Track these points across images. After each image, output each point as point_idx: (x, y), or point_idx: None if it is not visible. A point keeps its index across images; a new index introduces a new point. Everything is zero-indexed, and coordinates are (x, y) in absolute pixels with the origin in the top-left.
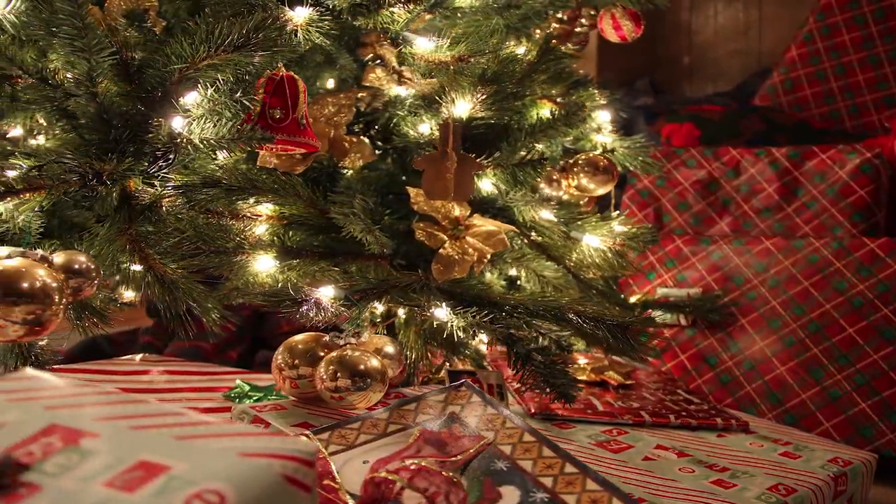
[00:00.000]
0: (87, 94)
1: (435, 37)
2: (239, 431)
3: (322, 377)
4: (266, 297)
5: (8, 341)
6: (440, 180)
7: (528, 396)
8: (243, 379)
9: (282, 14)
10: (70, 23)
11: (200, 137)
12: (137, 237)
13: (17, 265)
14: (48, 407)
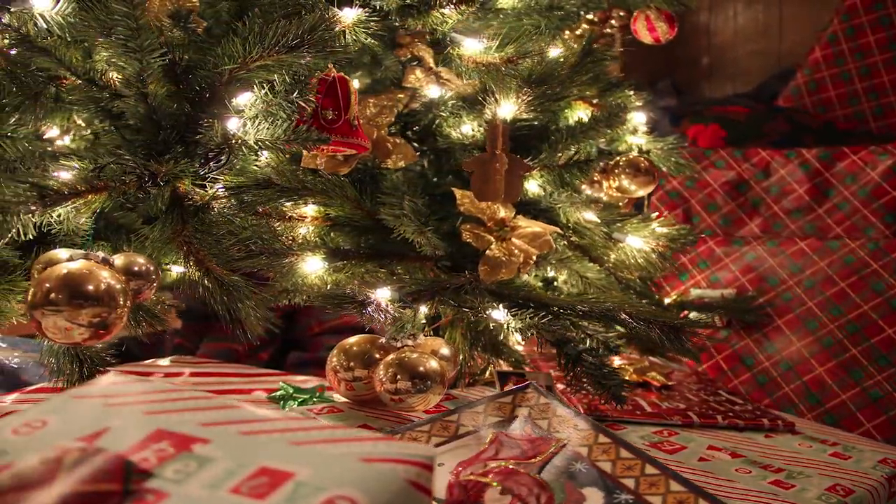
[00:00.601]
0: (137, 95)
1: (479, 38)
2: (354, 436)
3: (381, 379)
4: (329, 300)
5: (72, 344)
6: (489, 182)
7: (576, 398)
8: (285, 381)
9: (332, 15)
10: (125, 24)
11: (256, 138)
12: (191, 239)
13: (82, 267)
14: (148, 412)
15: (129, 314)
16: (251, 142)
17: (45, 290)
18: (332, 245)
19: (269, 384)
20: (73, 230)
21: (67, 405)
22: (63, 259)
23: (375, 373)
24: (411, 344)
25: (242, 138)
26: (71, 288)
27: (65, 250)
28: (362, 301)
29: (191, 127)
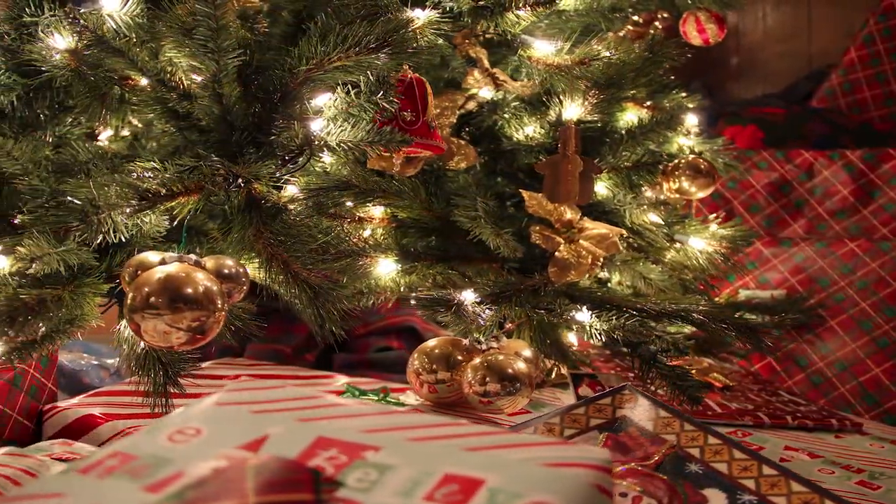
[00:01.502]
0: (212, 96)
1: (551, 40)
2: (525, 441)
3: (470, 381)
4: (423, 302)
5: (167, 348)
6: (562, 183)
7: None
8: (349, 383)
9: (408, 16)
10: (206, 24)
11: (338, 139)
12: (273, 241)
13: (180, 270)
14: (301, 419)
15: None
16: (333, 143)
17: (144, 293)
18: (409, 247)
19: (329, 386)
20: (148, 233)
21: (214, 413)
22: (154, 262)
23: (463, 375)
24: (496, 346)
25: (325, 139)
26: (171, 291)
27: (154, 253)
28: (454, 303)
29: (262, 128)
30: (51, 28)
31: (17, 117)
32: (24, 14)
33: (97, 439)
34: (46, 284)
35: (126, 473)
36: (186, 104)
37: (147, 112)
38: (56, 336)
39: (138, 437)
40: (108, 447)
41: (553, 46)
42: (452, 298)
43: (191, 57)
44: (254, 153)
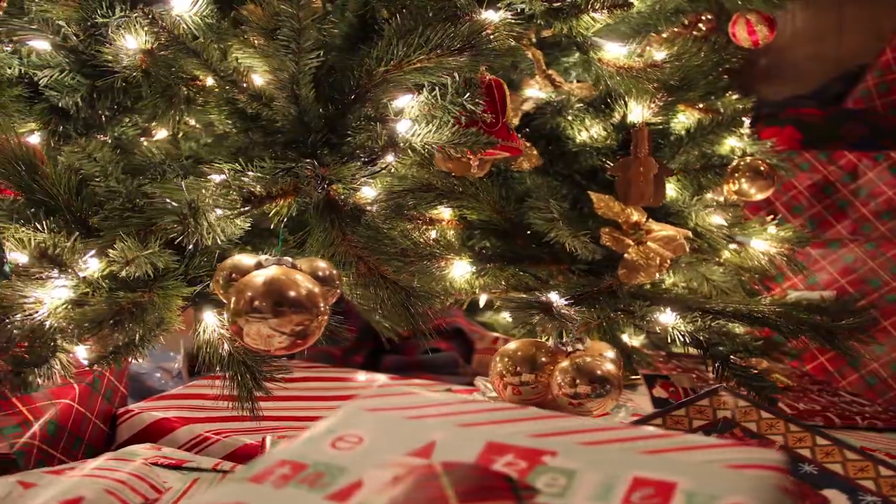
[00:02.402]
0: (289, 97)
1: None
2: (700, 443)
3: (560, 383)
4: (518, 304)
5: (264, 352)
6: (635, 185)
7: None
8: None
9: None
10: (289, 24)
11: (423, 141)
12: (356, 243)
13: (283, 273)
14: (463, 424)
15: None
16: (418, 144)
17: (248, 297)
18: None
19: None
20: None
21: (369, 419)
22: (249, 265)
23: (551, 377)
24: (582, 348)
25: (410, 141)
26: (275, 295)
27: (248, 256)
28: (545, 306)
29: (335, 129)
30: (121, 29)
31: (80, 118)
32: (97, 15)
33: (174, 443)
34: (135, 288)
35: (304, 483)
36: (256, 105)
37: (213, 112)
38: (148, 340)
39: (300, 445)
40: (269, 455)
41: (624, 48)
42: (542, 301)
43: (265, 58)
44: (328, 154)
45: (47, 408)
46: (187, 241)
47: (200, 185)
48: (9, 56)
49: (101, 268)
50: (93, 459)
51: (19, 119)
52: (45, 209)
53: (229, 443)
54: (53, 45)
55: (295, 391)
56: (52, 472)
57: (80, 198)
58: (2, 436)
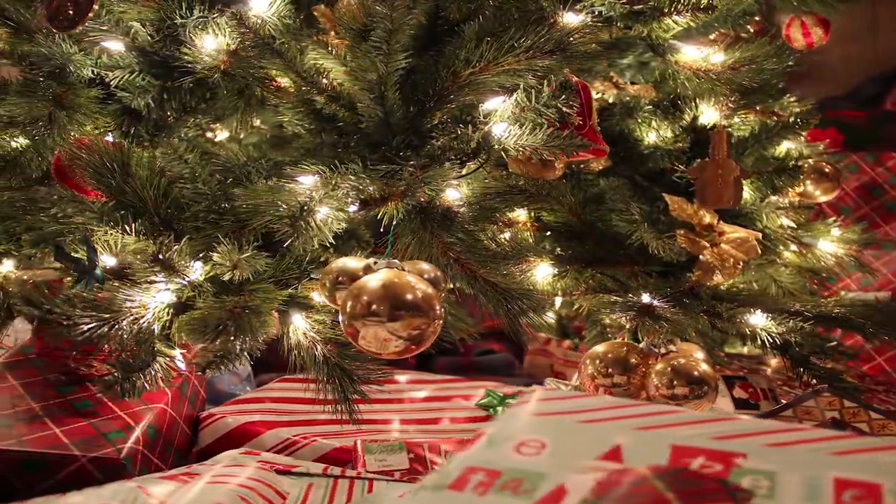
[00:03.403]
0: (376, 98)
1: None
2: (875, 445)
3: (657, 385)
4: (618, 306)
5: (379, 355)
6: (713, 186)
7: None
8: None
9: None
10: (383, 25)
11: (517, 143)
12: (450, 245)
13: (398, 277)
14: (640, 427)
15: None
16: (511, 146)
17: (365, 301)
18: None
19: (460, 391)
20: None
21: (545, 424)
22: (356, 268)
23: (647, 379)
24: (674, 349)
25: (504, 143)
26: (393, 298)
27: (353, 259)
28: (648, 307)
29: (416, 131)
30: (199, 29)
31: (151, 119)
32: (176, 15)
33: (260, 447)
34: (234, 292)
35: (506, 489)
36: (334, 106)
37: (286, 113)
38: (252, 343)
39: (482, 451)
40: (453, 462)
41: (701, 52)
42: (644, 303)
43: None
44: (411, 155)
45: (145, 412)
46: (296, 242)
47: (310, 187)
48: (83, 57)
49: (207, 271)
50: (207, 464)
51: (95, 120)
52: (132, 212)
53: (317, 447)
54: (127, 46)
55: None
56: (165, 477)
57: (168, 200)
58: (107, 441)
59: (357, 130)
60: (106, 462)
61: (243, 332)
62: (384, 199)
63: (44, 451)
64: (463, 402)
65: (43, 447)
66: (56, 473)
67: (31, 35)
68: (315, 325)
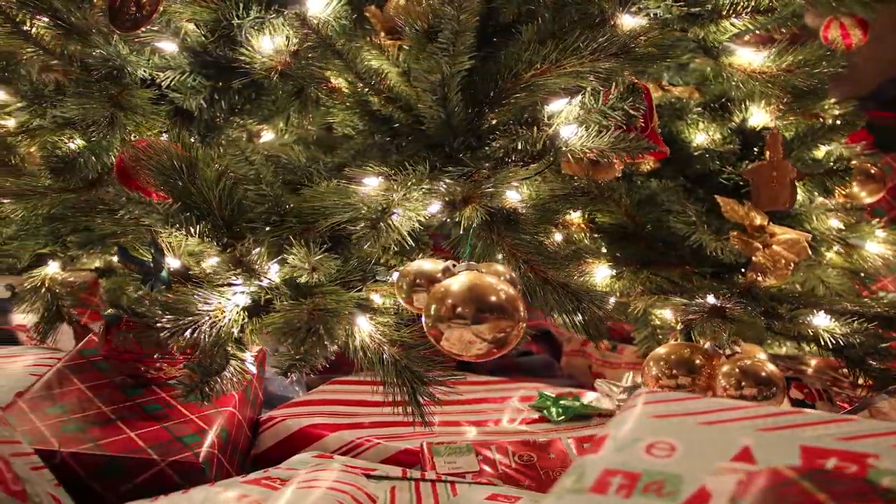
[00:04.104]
0: (438, 100)
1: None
2: None
3: (724, 386)
4: (684, 309)
5: (459, 357)
6: (768, 188)
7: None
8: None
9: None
10: (451, 26)
11: (583, 145)
12: (517, 247)
13: (480, 279)
14: (763, 429)
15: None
16: (577, 148)
17: (450, 303)
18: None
19: (508, 392)
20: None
21: (669, 425)
22: (433, 270)
23: (713, 380)
24: (739, 351)
25: (571, 145)
26: (479, 301)
27: (428, 261)
28: (720, 308)
29: (475, 132)
30: (256, 30)
31: (203, 120)
32: (232, 16)
33: (322, 450)
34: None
35: (649, 492)
36: (390, 107)
37: (337, 115)
38: (330, 346)
39: (613, 453)
40: (587, 464)
41: (756, 54)
42: (714, 304)
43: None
44: (471, 157)
45: (216, 416)
46: (372, 245)
47: (387, 189)
48: (136, 57)
49: (284, 273)
50: (282, 468)
51: (151, 121)
52: (196, 214)
53: (382, 449)
54: (179, 46)
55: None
56: (247, 482)
57: (232, 203)
58: (184, 445)
59: (412, 132)
60: (185, 466)
61: (327, 335)
62: (464, 201)
63: (122, 455)
64: (514, 404)
65: (120, 451)
66: (134, 477)
67: (85, 36)
68: (380, 327)
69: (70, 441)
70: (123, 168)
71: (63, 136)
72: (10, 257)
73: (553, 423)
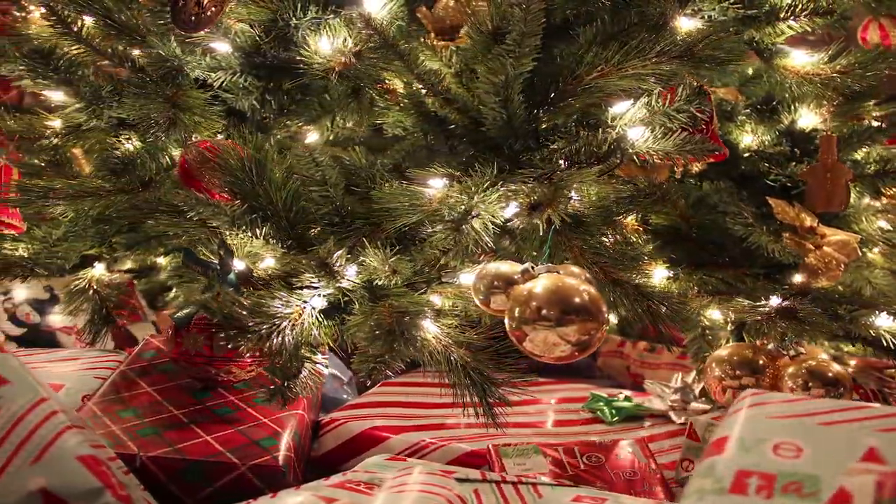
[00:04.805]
0: (500, 101)
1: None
2: None
3: (791, 387)
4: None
5: (540, 358)
6: (822, 190)
7: None
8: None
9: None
10: (518, 28)
11: (648, 147)
12: (584, 249)
13: (567, 282)
14: (879, 429)
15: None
16: (643, 150)
17: (535, 306)
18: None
19: (556, 393)
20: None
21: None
22: (511, 272)
23: (779, 381)
24: (804, 351)
25: (638, 147)
26: (564, 303)
27: (505, 263)
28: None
29: (533, 133)
30: (312, 31)
31: (255, 120)
32: (290, 16)
33: (389, 451)
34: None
35: (789, 493)
36: (447, 108)
37: (392, 115)
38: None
39: (739, 455)
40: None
41: (811, 56)
42: (785, 306)
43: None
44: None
45: (287, 419)
46: (455, 247)
47: (461, 191)
48: (191, 57)
49: (363, 276)
50: (358, 470)
51: (209, 122)
52: (261, 215)
53: (448, 450)
54: (234, 47)
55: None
56: (334, 485)
57: (297, 204)
58: (262, 448)
59: (467, 133)
60: (265, 469)
61: (410, 337)
62: (546, 203)
63: (203, 460)
64: (565, 405)
65: (201, 455)
66: (215, 481)
67: (136, 36)
68: (445, 329)
69: (148, 445)
70: (187, 168)
71: (121, 137)
72: (59, 259)
73: (608, 423)
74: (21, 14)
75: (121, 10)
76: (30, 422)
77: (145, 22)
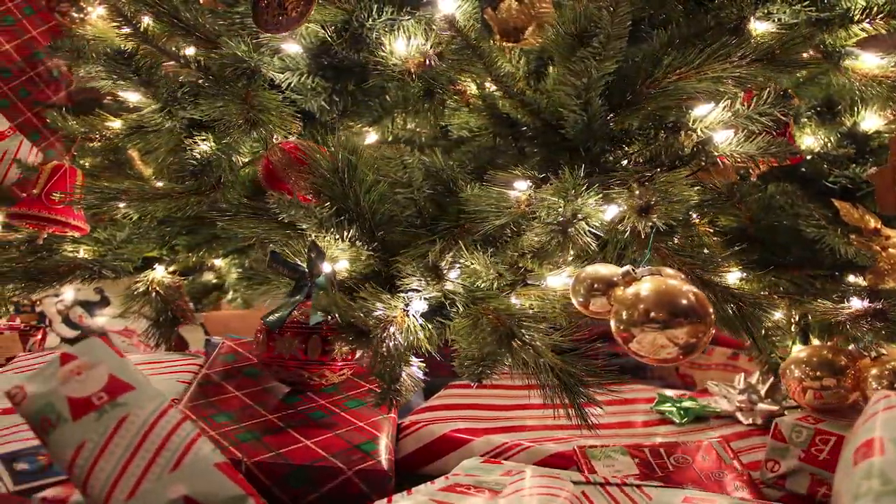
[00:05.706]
0: (581, 105)
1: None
2: None
3: (876, 388)
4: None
5: (645, 359)
6: (890, 192)
7: None
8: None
9: None
10: (606, 31)
11: (732, 150)
12: (672, 251)
13: (672, 284)
14: None
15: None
16: (727, 153)
17: (643, 308)
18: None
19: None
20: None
21: None
22: (609, 274)
23: (862, 382)
24: (885, 352)
25: (722, 149)
26: (673, 306)
27: (602, 265)
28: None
29: (610, 135)
30: (387, 32)
31: (322, 121)
32: (365, 17)
33: (470, 454)
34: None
35: None
36: (520, 110)
37: (462, 116)
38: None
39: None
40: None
41: (882, 59)
42: (876, 308)
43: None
44: (605, 161)
45: (382, 422)
46: (561, 250)
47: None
48: (263, 57)
49: (464, 279)
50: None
51: (286, 122)
52: (347, 218)
53: (533, 452)
54: (304, 47)
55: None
56: (443, 489)
57: (383, 207)
58: (364, 453)
59: (540, 135)
60: (371, 474)
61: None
62: (650, 206)
63: (309, 465)
64: (628, 406)
65: (305, 460)
66: (321, 486)
67: (206, 37)
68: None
69: (250, 450)
70: (272, 170)
71: (196, 139)
72: (124, 261)
73: (678, 425)
74: (79, 15)
75: (187, 9)
76: (162, 429)
77: (209, 22)
